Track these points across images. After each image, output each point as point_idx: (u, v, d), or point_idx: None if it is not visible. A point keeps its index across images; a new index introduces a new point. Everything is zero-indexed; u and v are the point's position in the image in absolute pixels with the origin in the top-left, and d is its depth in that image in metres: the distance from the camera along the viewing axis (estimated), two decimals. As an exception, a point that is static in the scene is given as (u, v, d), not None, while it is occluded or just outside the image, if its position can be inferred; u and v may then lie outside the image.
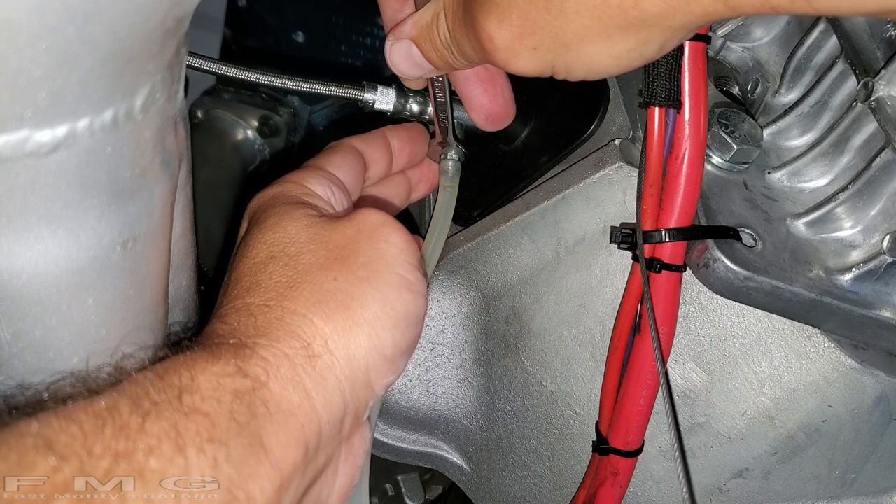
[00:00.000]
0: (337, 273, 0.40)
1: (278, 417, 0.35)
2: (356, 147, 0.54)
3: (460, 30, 0.43)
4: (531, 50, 0.39)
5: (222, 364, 0.35)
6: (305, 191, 0.47)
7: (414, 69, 0.48)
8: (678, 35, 0.38)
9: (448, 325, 0.64)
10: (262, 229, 0.44)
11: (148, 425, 0.31)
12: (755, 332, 0.52)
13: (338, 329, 0.39)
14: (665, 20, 0.36)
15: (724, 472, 0.55)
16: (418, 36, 0.46)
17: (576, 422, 0.59)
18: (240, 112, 0.97)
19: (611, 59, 0.38)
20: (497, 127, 0.53)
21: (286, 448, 0.35)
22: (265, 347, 0.37)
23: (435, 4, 0.45)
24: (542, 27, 0.38)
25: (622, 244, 0.50)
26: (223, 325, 0.39)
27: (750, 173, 0.52)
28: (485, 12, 0.39)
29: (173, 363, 0.35)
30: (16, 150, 0.32)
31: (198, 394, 0.33)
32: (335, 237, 0.42)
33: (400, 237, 0.43)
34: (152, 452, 0.30)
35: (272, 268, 0.41)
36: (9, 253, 0.36)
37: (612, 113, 0.55)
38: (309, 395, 0.37)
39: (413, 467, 0.81)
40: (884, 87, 0.47)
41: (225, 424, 0.33)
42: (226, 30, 1.04)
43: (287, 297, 0.39)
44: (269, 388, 0.35)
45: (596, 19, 0.36)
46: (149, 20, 0.33)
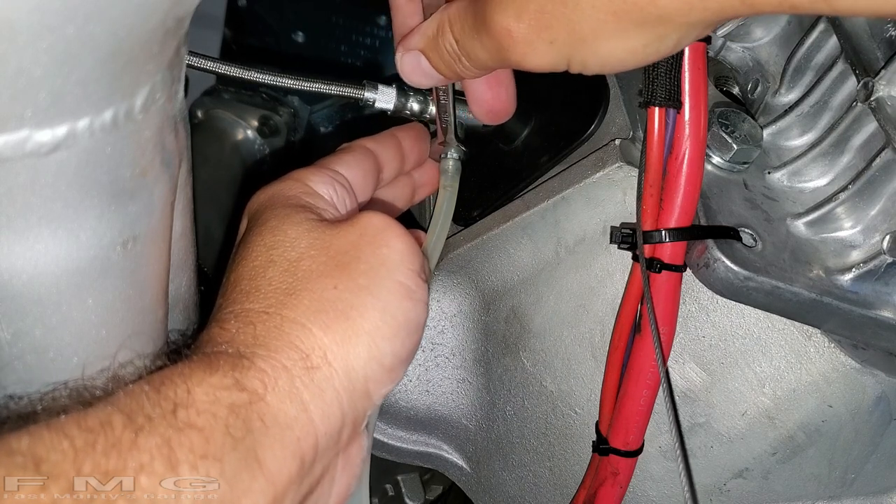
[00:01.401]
0: (337, 280, 0.40)
1: (274, 431, 0.35)
2: (368, 148, 0.53)
3: (469, 36, 0.43)
4: (548, 44, 0.39)
5: (220, 376, 0.35)
6: (307, 190, 0.47)
7: (425, 79, 0.49)
8: (694, 31, 0.38)
9: (448, 325, 0.64)
10: (261, 231, 0.43)
11: (141, 441, 0.31)
12: (755, 332, 0.52)
13: (337, 340, 0.38)
14: (681, 16, 0.36)
15: (724, 472, 0.55)
16: (426, 47, 0.47)
17: (576, 422, 0.59)
18: (240, 112, 0.96)
19: (627, 53, 0.39)
20: (497, 122, 0.54)
21: (281, 462, 0.34)
22: (263, 359, 0.36)
23: (439, 15, 0.45)
24: (560, 21, 0.38)
25: (622, 244, 0.50)
26: (221, 331, 0.38)
27: (750, 173, 0.52)
28: (500, 10, 0.40)
29: (170, 374, 0.34)
30: (16, 150, 0.32)
31: (193, 408, 0.33)
32: (336, 242, 0.42)
33: (402, 242, 0.42)
34: (143, 470, 0.30)
35: (271, 273, 0.41)
36: (9, 253, 0.36)
37: (612, 113, 0.55)
38: (306, 408, 0.36)
39: (413, 467, 0.81)
40: (884, 87, 0.47)
41: (220, 440, 0.32)
42: (226, 29, 1.04)
43: (286, 304, 0.39)
44: (265, 401, 0.35)
45: (612, 14, 0.36)
46: (149, 20, 0.33)
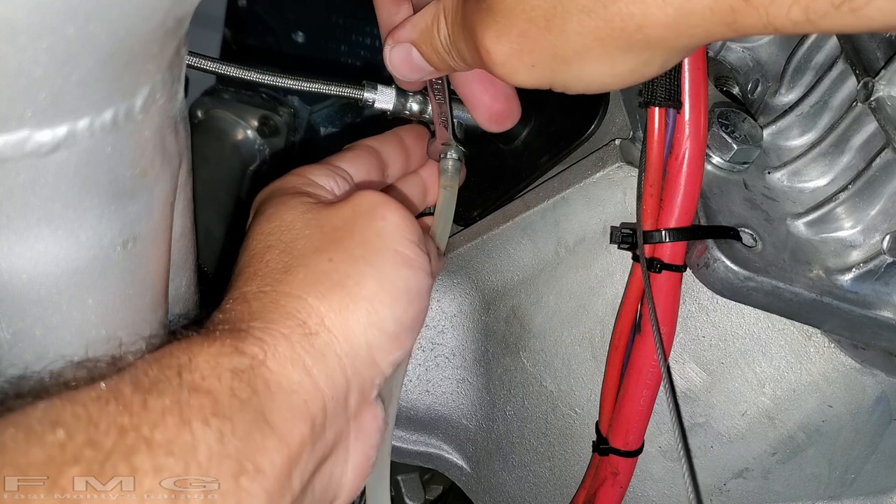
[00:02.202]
0: (332, 254, 0.40)
1: (280, 395, 0.35)
2: (371, 146, 0.54)
3: (459, 35, 0.42)
4: (529, 67, 0.39)
5: (218, 345, 0.35)
6: (307, 181, 0.48)
7: (413, 72, 0.48)
8: (680, 55, 0.38)
9: (448, 325, 0.64)
10: (259, 220, 0.44)
11: (151, 402, 0.31)
12: (755, 332, 0.52)
13: (334, 307, 0.39)
14: (668, 42, 0.36)
15: (724, 472, 0.55)
16: (418, 39, 0.46)
17: (576, 422, 0.59)
18: (240, 112, 0.96)
19: (610, 77, 0.38)
20: (502, 127, 0.53)
21: (291, 424, 0.35)
22: (261, 329, 0.37)
23: (435, 7, 0.45)
24: (542, 45, 0.38)
25: (622, 244, 0.50)
26: (219, 314, 0.39)
27: (750, 173, 0.52)
28: (484, 26, 0.39)
29: (170, 348, 0.35)
30: (16, 150, 0.32)
31: (197, 372, 0.33)
32: (331, 220, 0.42)
33: (397, 215, 0.42)
34: (157, 426, 0.30)
35: (269, 256, 0.41)
36: (9, 253, 0.36)
37: (612, 113, 0.55)
38: (310, 372, 0.36)
39: (413, 467, 0.81)
40: (884, 87, 0.47)
41: (227, 401, 0.33)
42: (226, 30, 1.04)
43: (282, 281, 0.39)
44: (267, 366, 0.35)
45: (598, 41, 0.36)
46: (149, 20, 0.33)
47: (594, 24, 0.35)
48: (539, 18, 0.37)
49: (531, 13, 0.37)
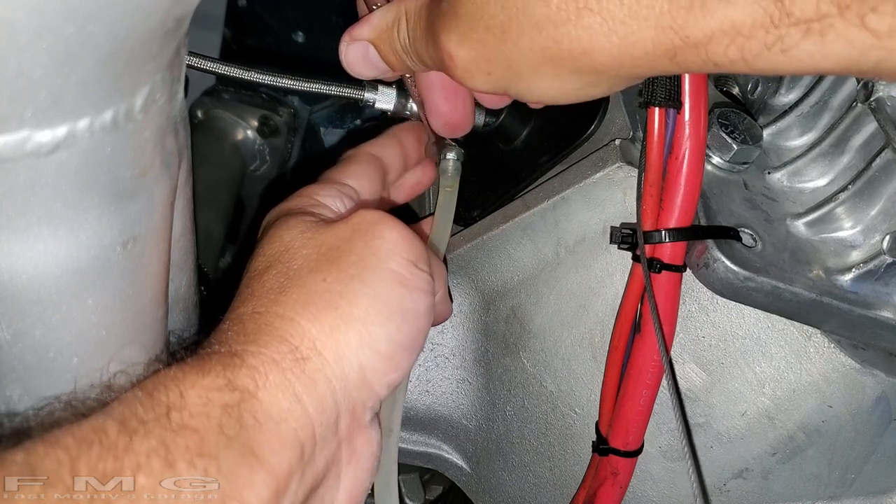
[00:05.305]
0: (327, 274, 0.40)
1: (269, 426, 0.35)
2: (372, 154, 0.54)
3: (421, 39, 0.43)
4: (486, 74, 0.40)
5: (212, 377, 0.35)
6: (313, 202, 0.47)
7: (369, 70, 0.49)
8: (625, 82, 0.39)
9: (448, 325, 0.64)
10: (262, 242, 0.44)
11: (136, 444, 0.31)
12: (755, 332, 0.52)
13: (325, 329, 0.38)
14: (612, 70, 0.37)
15: (724, 472, 0.55)
16: (377, 38, 0.47)
17: (576, 422, 0.59)
18: (240, 112, 0.96)
19: (560, 93, 0.40)
20: (454, 135, 0.54)
21: (279, 454, 0.35)
22: (254, 355, 0.37)
23: (396, 8, 0.45)
24: (497, 56, 0.39)
25: (622, 244, 0.50)
26: (216, 334, 0.39)
27: (750, 173, 0.52)
28: (447, 30, 0.40)
29: (163, 378, 0.35)
30: (16, 150, 0.32)
31: (186, 410, 0.33)
32: (328, 239, 0.42)
33: (395, 233, 0.42)
34: (141, 469, 0.30)
35: (266, 276, 0.41)
36: (9, 253, 0.36)
37: (612, 113, 0.55)
38: (299, 399, 0.36)
39: (413, 467, 0.81)
40: (884, 88, 0.47)
41: (214, 439, 0.33)
42: (226, 30, 1.04)
43: (277, 302, 0.39)
44: (258, 398, 0.35)
45: (548, 59, 0.37)
46: (149, 20, 0.33)
47: (544, 43, 0.37)
48: (496, 28, 0.38)
49: (489, 21, 0.38)
